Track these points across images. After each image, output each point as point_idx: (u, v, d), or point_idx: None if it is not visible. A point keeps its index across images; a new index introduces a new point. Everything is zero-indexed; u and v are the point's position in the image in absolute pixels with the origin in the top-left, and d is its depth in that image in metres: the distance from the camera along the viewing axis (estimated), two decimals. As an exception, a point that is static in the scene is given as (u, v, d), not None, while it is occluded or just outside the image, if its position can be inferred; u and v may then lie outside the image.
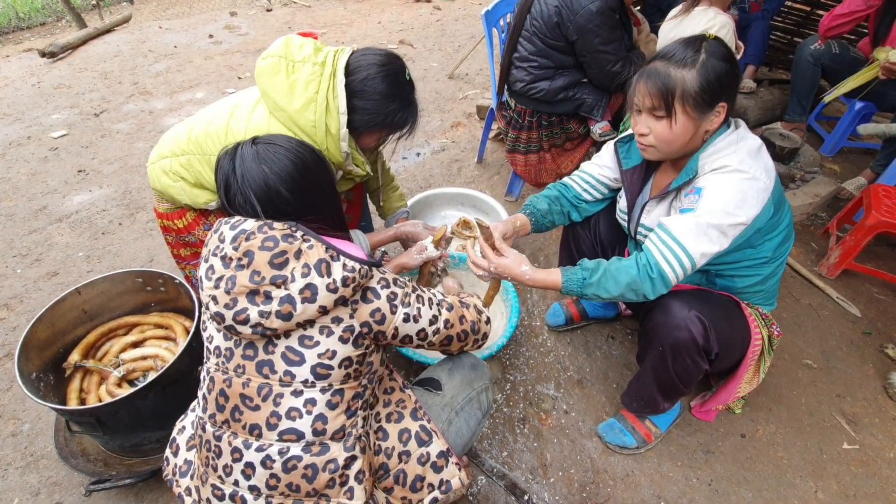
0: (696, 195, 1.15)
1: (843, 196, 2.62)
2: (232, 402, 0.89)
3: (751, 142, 1.18)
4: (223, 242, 0.87)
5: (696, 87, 1.11)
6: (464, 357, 1.26)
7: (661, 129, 1.17)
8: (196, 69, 4.30)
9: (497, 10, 2.48)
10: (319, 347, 0.87)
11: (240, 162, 0.93)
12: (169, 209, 1.55)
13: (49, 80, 4.08)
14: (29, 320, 1.96)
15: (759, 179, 1.13)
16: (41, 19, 6.67)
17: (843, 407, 1.72)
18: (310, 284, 0.83)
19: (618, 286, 1.18)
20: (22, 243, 2.42)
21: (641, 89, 1.16)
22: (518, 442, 1.59)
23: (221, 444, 0.90)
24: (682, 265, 1.15)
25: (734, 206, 1.11)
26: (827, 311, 2.06)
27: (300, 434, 0.88)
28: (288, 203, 0.93)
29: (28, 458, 1.56)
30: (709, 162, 1.16)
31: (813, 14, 3.40)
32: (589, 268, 1.23)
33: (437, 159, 3.04)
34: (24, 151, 3.15)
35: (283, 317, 0.83)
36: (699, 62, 1.11)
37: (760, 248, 1.26)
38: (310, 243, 0.86)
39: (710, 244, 1.13)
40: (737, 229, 1.14)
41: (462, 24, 5.28)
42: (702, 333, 1.22)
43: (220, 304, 0.85)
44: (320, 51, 1.36)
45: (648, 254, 1.19)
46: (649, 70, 1.16)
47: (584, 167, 1.55)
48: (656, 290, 1.18)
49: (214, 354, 0.92)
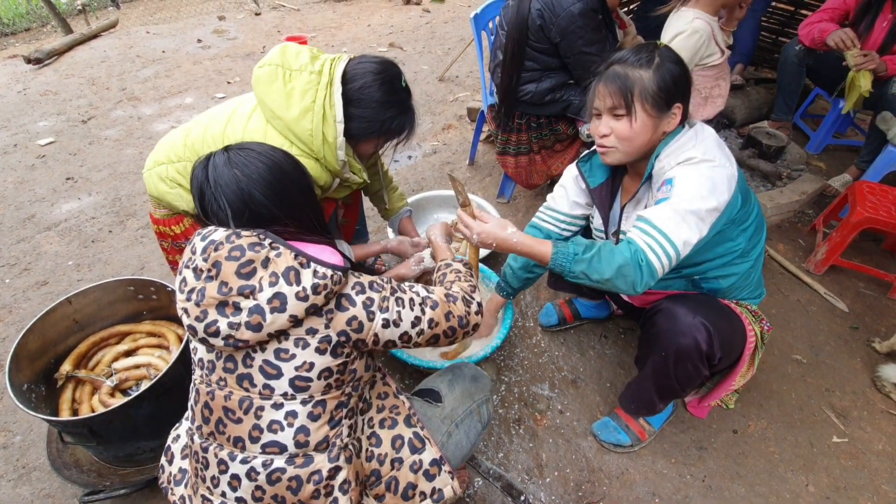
0: (669, 185, 1.16)
1: (829, 193, 2.66)
2: (216, 415, 0.89)
3: (710, 135, 1.22)
4: (195, 254, 0.86)
5: (653, 85, 1.16)
6: (464, 368, 1.25)
7: (622, 128, 1.20)
8: (185, 74, 4.27)
9: (485, 13, 2.50)
10: (296, 360, 0.85)
11: (212, 169, 0.92)
12: (166, 215, 1.54)
13: (35, 87, 4.04)
14: (18, 331, 1.94)
15: (725, 167, 1.17)
16: (26, 25, 6.58)
17: (833, 401, 1.75)
18: (278, 293, 0.81)
19: (609, 267, 1.13)
20: (10, 252, 2.39)
21: (601, 91, 1.21)
22: (514, 443, 1.60)
23: (208, 455, 0.90)
24: (668, 254, 1.12)
25: (707, 190, 1.13)
26: (815, 307, 2.09)
27: (283, 447, 0.87)
28: (262, 206, 0.91)
29: (20, 471, 1.55)
30: (673, 157, 1.18)
31: (797, 14, 3.45)
32: (582, 243, 1.19)
33: (428, 162, 3.05)
34: (11, 159, 3.11)
35: (253, 328, 0.82)
36: (654, 64, 1.17)
37: (737, 239, 1.28)
38: (278, 251, 0.84)
39: (689, 231, 1.13)
40: (712, 215, 1.15)
41: (451, 27, 5.29)
42: (706, 340, 1.23)
43: (192, 317, 0.84)
44: (317, 59, 1.36)
45: (634, 243, 1.16)
46: (608, 73, 1.21)
47: (554, 207, 1.53)
48: (644, 279, 1.14)
49: (199, 366, 0.92)
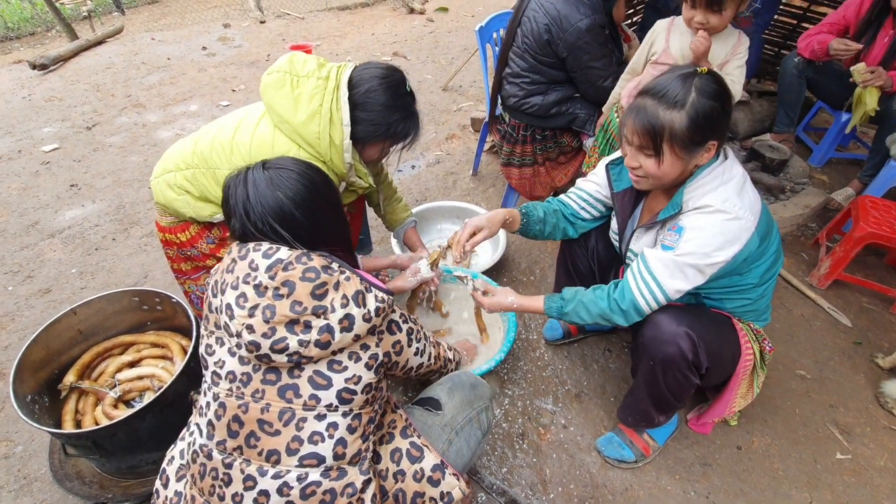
0: (677, 234, 1.17)
1: (832, 207, 2.67)
2: (248, 428, 0.88)
3: (736, 177, 1.19)
4: (255, 270, 0.87)
5: (684, 128, 1.10)
6: (463, 375, 1.27)
7: (650, 166, 1.18)
8: (190, 81, 4.29)
9: (490, 26, 2.52)
10: (347, 372, 0.90)
11: (253, 189, 0.94)
12: (172, 223, 1.55)
13: (40, 93, 4.05)
14: (21, 338, 1.94)
15: (742, 218, 1.14)
16: (30, 29, 6.61)
17: (836, 417, 1.74)
18: (348, 315, 0.88)
19: (590, 315, 1.29)
20: (13, 259, 2.40)
21: (630, 126, 1.16)
22: (517, 458, 1.60)
23: (232, 471, 0.89)
24: (656, 298, 1.21)
25: (713, 248, 1.14)
26: (819, 322, 2.09)
27: (321, 458, 0.88)
28: (301, 226, 0.94)
29: (21, 482, 1.54)
30: (694, 197, 1.18)
31: (799, 27, 3.48)
32: (566, 297, 1.34)
33: (432, 172, 3.06)
34: (15, 165, 3.12)
35: (322, 345, 0.86)
36: (688, 103, 1.09)
37: (747, 276, 1.28)
38: (346, 275, 0.91)
39: (685, 282, 1.19)
40: (714, 268, 1.18)
41: (455, 36, 5.33)
42: (691, 348, 1.23)
43: (258, 333, 0.85)
44: (324, 66, 1.39)
45: (625, 285, 1.25)
46: (638, 106, 1.15)
47: (580, 184, 1.57)
48: (629, 318, 1.24)
49: (227, 380, 0.91)
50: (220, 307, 0.90)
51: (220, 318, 0.90)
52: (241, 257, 0.91)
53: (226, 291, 0.90)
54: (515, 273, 2.31)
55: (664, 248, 1.20)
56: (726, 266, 1.19)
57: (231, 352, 0.91)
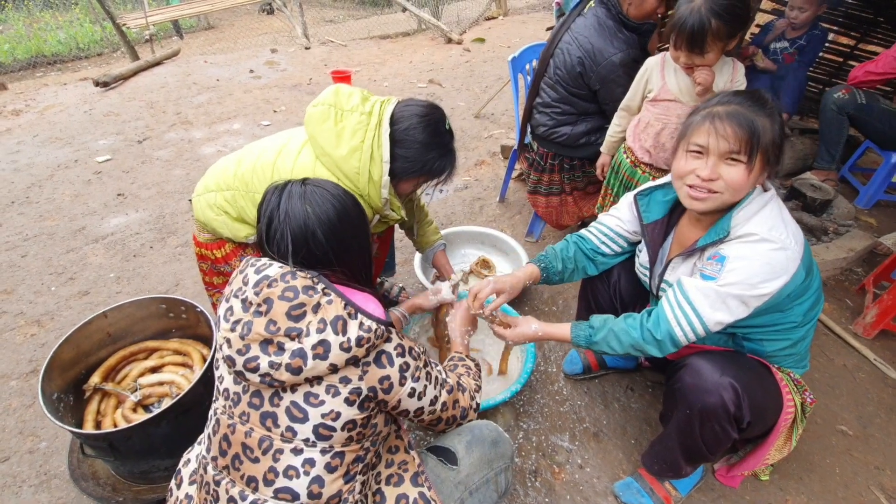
0: (720, 264, 1.11)
1: (880, 251, 2.52)
2: (234, 450, 0.88)
3: (777, 205, 1.15)
4: (246, 285, 0.87)
5: (776, 137, 1.07)
6: (486, 429, 1.19)
7: (737, 176, 1.09)
8: (235, 102, 4.53)
9: (523, 57, 2.56)
10: (324, 407, 0.84)
11: (286, 198, 0.95)
12: (209, 240, 1.61)
13: (100, 108, 4.36)
14: (57, 337, 2.03)
15: (789, 248, 1.08)
16: (98, 50, 7.19)
17: (883, 480, 1.60)
18: (323, 341, 0.82)
19: (621, 345, 1.21)
20: (59, 261, 2.53)
21: (719, 129, 1.08)
22: (529, 496, 1.53)
23: (220, 489, 0.89)
24: (695, 330, 1.13)
25: (759, 279, 1.07)
26: (863, 374, 1.95)
27: (295, 495, 0.85)
28: (320, 247, 0.93)
29: (42, 477, 1.58)
30: (739, 224, 1.13)
31: (845, 65, 3.38)
32: (595, 326, 1.26)
33: (459, 197, 3.08)
34: (70, 174, 3.34)
35: (293, 370, 0.82)
36: (774, 114, 1.07)
37: (789, 313, 1.21)
38: (329, 298, 0.85)
39: (727, 314, 1.11)
40: (760, 300, 1.10)
41: (490, 66, 5.43)
42: (734, 401, 1.15)
43: (234, 349, 0.85)
44: (367, 100, 1.43)
45: (661, 313, 1.17)
46: (725, 112, 1.08)
47: (601, 219, 1.54)
48: (664, 350, 1.16)
49: (223, 396, 0.92)
50: (216, 319, 0.92)
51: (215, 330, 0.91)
52: (240, 271, 0.92)
53: (221, 304, 0.91)
54: (538, 303, 2.27)
55: (704, 277, 1.13)
56: (770, 301, 1.12)
57: (228, 370, 0.91)
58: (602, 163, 2.10)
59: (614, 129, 1.99)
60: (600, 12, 1.95)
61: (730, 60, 1.70)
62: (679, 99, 1.73)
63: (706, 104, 1.15)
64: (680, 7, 1.53)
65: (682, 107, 1.73)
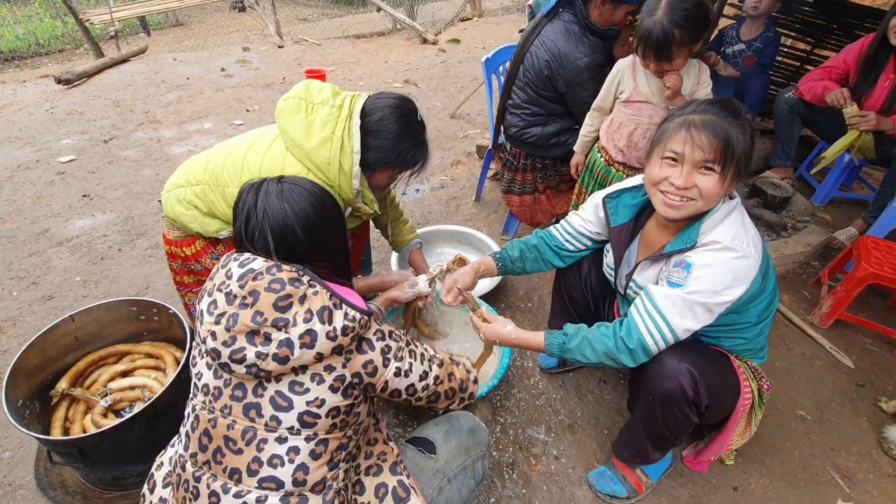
0: (686, 271, 1.14)
1: (834, 245, 2.66)
2: (215, 444, 0.88)
3: (740, 212, 1.19)
4: (230, 279, 0.88)
5: (746, 149, 1.08)
6: (462, 419, 1.22)
7: (710, 185, 1.10)
8: (206, 101, 4.43)
9: (497, 58, 2.60)
10: (309, 395, 0.86)
11: (263, 197, 0.96)
12: (179, 237, 1.58)
13: (62, 106, 4.20)
14: (20, 344, 1.96)
15: (750, 257, 1.12)
16: (60, 46, 6.92)
17: (838, 461, 1.70)
18: (310, 330, 0.84)
19: (595, 354, 1.22)
20: (20, 265, 2.44)
21: (694, 138, 1.09)
22: (506, 488, 1.56)
23: (200, 485, 0.89)
24: (665, 338, 1.17)
25: (723, 286, 1.11)
26: (820, 362, 2.06)
27: (280, 483, 0.86)
28: (300, 243, 0.95)
29: (6, 488, 1.53)
30: (705, 232, 1.16)
31: (801, 69, 3.55)
32: (569, 333, 1.28)
33: (435, 196, 3.10)
34: (32, 174, 3.21)
35: (280, 360, 0.84)
36: (746, 125, 1.08)
37: (745, 314, 1.26)
38: (315, 289, 0.88)
39: (694, 321, 1.15)
40: (723, 307, 1.15)
41: (465, 67, 5.47)
42: (692, 386, 1.21)
43: (219, 341, 0.85)
44: (338, 94, 1.44)
45: (632, 323, 1.19)
46: (700, 121, 1.09)
47: (568, 217, 1.58)
48: (636, 359, 1.19)
49: (202, 392, 0.92)
50: (197, 314, 0.92)
51: (196, 325, 0.91)
52: (222, 265, 0.92)
53: (202, 298, 0.91)
54: (513, 299, 2.31)
55: (671, 284, 1.16)
56: (729, 306, 1.17)
57: (208, 364, 0.91)
58: (576, 162, 2.16)
59: (587, 128, 2.05)
60: (567, 17, 2.00)
61: (696, 62, 1.77)
62: (650, 100, 1.79)
63: (681, 111, 1.17)
64: (643, 20, 1.58)
65: (654, 107, 1.79)
